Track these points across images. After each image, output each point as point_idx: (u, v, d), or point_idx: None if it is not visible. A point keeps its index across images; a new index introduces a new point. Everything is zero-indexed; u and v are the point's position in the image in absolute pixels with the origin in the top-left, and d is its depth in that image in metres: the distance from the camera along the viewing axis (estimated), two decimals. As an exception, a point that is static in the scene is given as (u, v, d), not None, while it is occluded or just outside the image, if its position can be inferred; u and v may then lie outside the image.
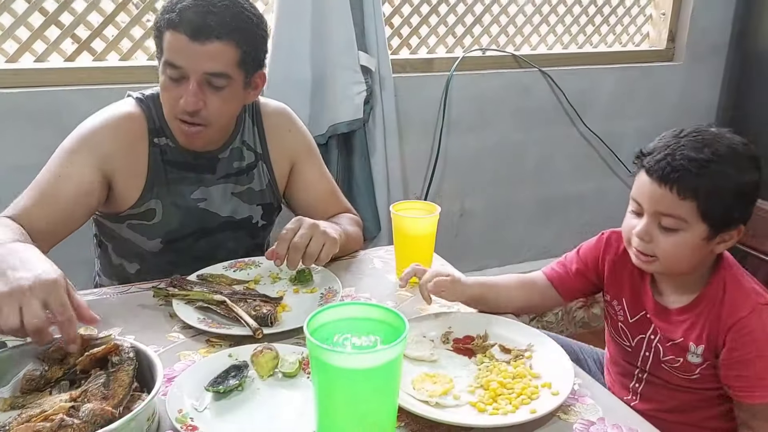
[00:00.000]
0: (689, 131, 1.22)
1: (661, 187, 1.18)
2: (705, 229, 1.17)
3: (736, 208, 1.18)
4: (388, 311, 0.90)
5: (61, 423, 0.88)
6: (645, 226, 1.21)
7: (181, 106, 1.39)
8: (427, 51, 2.59)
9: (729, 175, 1.16)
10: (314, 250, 1.36)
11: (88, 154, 1.43)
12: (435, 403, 1.04)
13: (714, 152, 1.16)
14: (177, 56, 1.36)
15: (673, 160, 1.17)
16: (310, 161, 1.68)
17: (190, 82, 1.37)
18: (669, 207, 1.18)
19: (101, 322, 1.16)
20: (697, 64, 3.02)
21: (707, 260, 1.25)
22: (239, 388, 1.07)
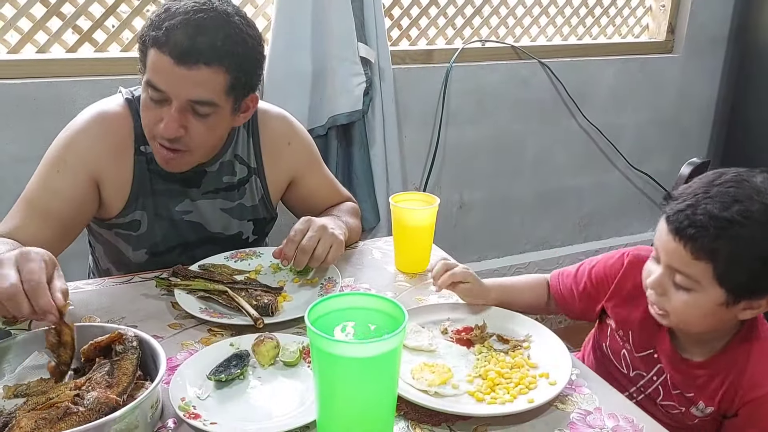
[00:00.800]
0: (727, 179, 1.06)
1: (676, 242, 1.05)
2: (722, 294, 1.04)
3: (762, 278, 1.03)
4: (387, 301, 0.91)
5: (66, 410, 0.89)
6: (659, 278, 1.10)
7: (159, 131, 1.29)
8: (426, 42, 2.60)
9: (755, 239, 1.01)
10: (321, 253, 1.35)
11: (76, 161, 1.37)
12: (434, 393, 1.05)
13: (743, 212, 1.01)
14: (159, 78, 1.26)
15: (693, 214, 1.03)
16: (312, 170, 1.63)
17: (172, 107, 1.27)
18: (681, 264, 1.06)
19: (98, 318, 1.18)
20: (696, 57, 3.02)
21: (730, 324, 1.12)
22: (241, 376, 1.09)
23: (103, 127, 1.40)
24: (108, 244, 1.53)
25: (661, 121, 3.06)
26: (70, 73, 2.04)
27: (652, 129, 3.05)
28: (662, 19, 2.98)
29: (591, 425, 1.02)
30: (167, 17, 1.24)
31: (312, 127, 2.26)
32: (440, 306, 1.31)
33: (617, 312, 1.26)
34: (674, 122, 3.09)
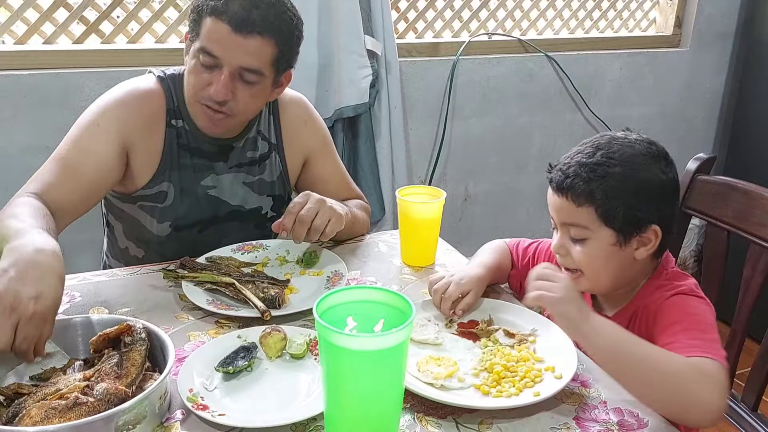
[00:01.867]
0: (591, 139, 1.21)
1: (560, 197, 1.18)
2: (611, 234, 1.15)
3: (640, 209, 1.14)
4: (395, 295, 0.91)
5: (75, 401, 0.90)
6: (559, 240, 1.21)
7: (209, 94, 1.37)
8: (433, 35, 2.59)
9: (624, 174, 1.13)
10: (320, 224, 1.37)
11: (111, 127, 1.42)
12: (440, 386, 1.06)
13: (605, 154, 1.15)
14: (215, 45, 1.34)
15: (567, 168, 1.17)
16: (325, 155, 1.68)
17: (223, 72, 1.36)
18: (570, 216, 1.17)
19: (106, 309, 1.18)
20: (703, 51, 3.01)
21: (637, 270, 1.21)
22: (248, 368, 1.09)
23: (137, 99, 1.46)
24: (130, 220, 1.55)
25: (668, 115, 3.06)
26: (76, 64, 2.04)
27: (659, 123, 3.04)
28: (669, 13, 2.97)
29: (596, 419, 1.02)
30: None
31: (319, 120, 2.26)
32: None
33: None
34: (680, 116, 3.08)
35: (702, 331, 1.08)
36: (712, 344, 1.06)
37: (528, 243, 1.45)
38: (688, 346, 1.05)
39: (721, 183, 1.49)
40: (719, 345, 1.07)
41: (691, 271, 3.33)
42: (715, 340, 1.08)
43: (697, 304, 1.14)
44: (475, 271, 1.32)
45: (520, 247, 1.45)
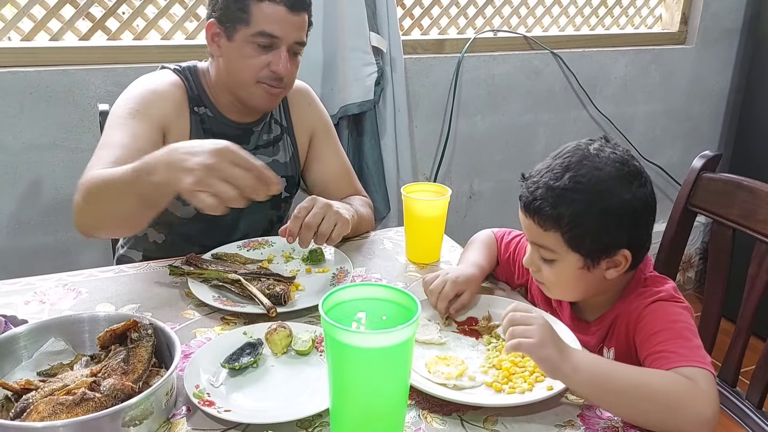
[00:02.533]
0: (566, 150, 1.17)
1: (528, 218, 1.16)
2: (578, 258, 1.13)
3: (608, 234, 1.12)
4: (400, 292, 0.92)
5: (83, 397, 0.91)
6: (529, 256, 1.21)
7: (273, 71, 1.47)
8: (438, 32, 2.59)
9: (590, 201, 1.10)
10: (326, 230, 1.37)
11: (150, 112, 1.47)
12: (453, 386, 1.06)
13: (573, 177, 1.11)
14: (275, 26, 1.44)
15: (535, 189, 1.14)
16: (327, 138, 1.74)
17: (281, 50, 1.46)
18: (538, 237, 1.16)
19: (114, 305, 1.19)
20: (709, 48, 3.00)
21: (610, 284, 1.19)
22: (254, 365, 1.10)
23: (165, 87, 1.53)
24: None
25: (673, 112, 3.05)
26: (82, 60, 2.05)
27: (664, 120, 3.04)
28: (675, 10, 2.97)
29: (600, 416, 1.02)
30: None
31: (324, 116, 2.26)
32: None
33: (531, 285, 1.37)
34: (686, 114, 3.08)
35: (686, 339, 1.07)
36: (697, 351, 1.05)
37: (512, 236, 1.45)
38: (674, 355, 1.04)
39: (727, 181, 1.49)
40: (703, 351, 1.06)
41: (696, 269, 3.32)
42: (699, 347, 1.06)
43: (679, 311, 1.12)
44: (470, 271, 1.31)
45: (505, 241, 1.45)
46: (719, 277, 1.52)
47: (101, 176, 1.26)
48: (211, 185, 1.08)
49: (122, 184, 1.20)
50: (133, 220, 1.30)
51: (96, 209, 1.28)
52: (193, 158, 1.10)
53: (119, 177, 1.21)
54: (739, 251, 1.48)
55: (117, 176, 1.22)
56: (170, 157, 1.14)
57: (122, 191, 1.21)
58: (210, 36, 1.51)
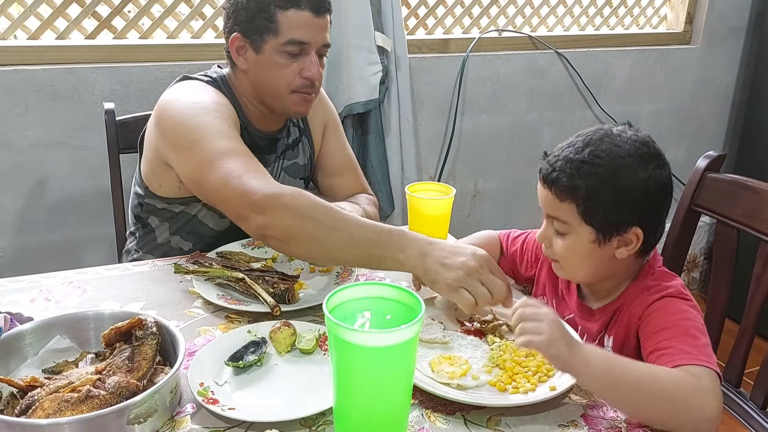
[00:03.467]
0: (586, 131, 1.20)
1: (545, 189, 1.19)
2: (591, 232, 1.15)
3: (620, 212, 1.14)
4: (404, 292, 0.92)
5: (88, 394, 0.91)
6: (543, 230, 1.23)
7: (307, 78, 1.46)
8: (443, 32, 2.59)
9: (606, 176, 1.13)
10: None
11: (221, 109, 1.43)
12: (456, 385, 1.06)
13: (593, 152, 1.14)
14: (304, 33, 1.42)
15: (555, 161, 1.17)
16: (335, 131, 1.75)
17: (311, 55, 1.45)
18: (553, 209, 1.18)
19: (119, 303, 1.19)
20: (714, 47, 3.00)
21: (619, 267, 1.21)
22: (258, 363, 1.10)
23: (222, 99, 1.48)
24: (184, 218, 1.55)
25: (678, 112, 3.04)
26: (89, 59, 2.05)
27: (669, 120, 3.03)
28: (680, 10, 2.96)
29: (603, 417, 1.03)
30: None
31: (329, 115, 2.27)
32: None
33: (539, 278, 1.40)
34: (691, 113, 3.07)
35: (693, 337, 1.07)
36: (703, 350, 1.05)
37: (518, 233, 1.47)
38: (680, 353, 1.04)
39: (731, 181, 1.49)
40: (710, 350, 1.06)
41: (701, 269, 3.32)
42: (706, 345, 1.07)
43: (687, 308, 1.13)
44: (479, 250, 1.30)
45: (511, 237, 1.47)
46: (724, 277, 1.52)
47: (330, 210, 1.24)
48: (472, 286, 1.15)
49: (357, 237, 1.21)
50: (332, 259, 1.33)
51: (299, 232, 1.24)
52: (457, 258, 1.17)
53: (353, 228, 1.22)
54: (743, 251, 1.48)
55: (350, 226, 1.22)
56: (425, 249, 1.19)
57: (351, 241, 1.22)
58: (235, 50, 1.48)
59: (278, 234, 1.25)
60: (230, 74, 1.56)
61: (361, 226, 1.22)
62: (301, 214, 1.23)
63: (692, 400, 0.98)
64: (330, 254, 1.26)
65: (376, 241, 1.20)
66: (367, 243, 1.21)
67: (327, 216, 1.23)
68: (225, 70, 1.57)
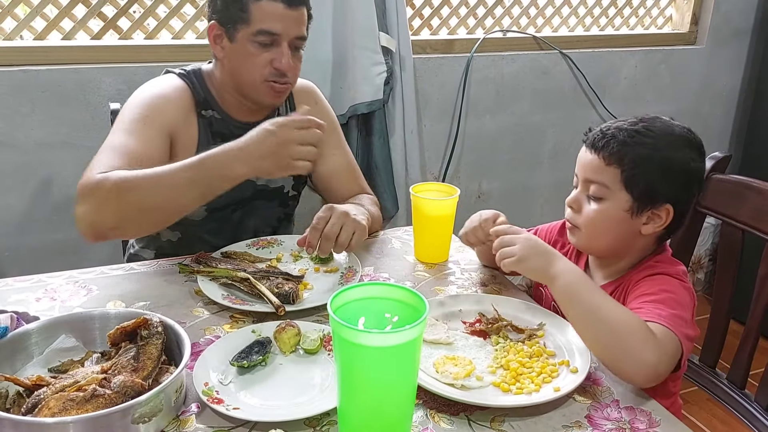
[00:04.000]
0: (634, 116, 1.28)
1: (591, 154, 1.24)
2: (628, 199, 1.21)
3: (661, 184, 1.20)
4: (409, 292, 0.92)
5: (93, 393, 0.91)
6: (576, 195, 1.27)
7: (277, 68, 1.48)
8: (447, 32, 2.59)
9: (656, 147, 1.20)
10: (345, 239, 1.38)
11: (159, 118, 1.48)
12: (461, 386, 1.06)
13: (646, 125, 1.22)
14: (275, 24, 1.45)
15: (607, 129, 1.24)
16: (332, 136, 1.73)
17: (282, 46, 1.48)
18: (595, 173, 1.23)
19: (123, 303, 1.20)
20: (720, 48, 2.99)
21: (636, 246, 1.27)
22: (262, 363, 1.10)
23: (173, 92, 1.54)
24: None
25: (683, 113, 3.03)
26: (94, 60, 2.06)
27: (675, 120, 3.02)
28: (686, 10, 2.95)
29: (608, 418, 1.03)
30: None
31: (333, 115, 2.27)
32: (453, 297, 1.32)
33: None
34: (696, 114, 3.07)
35: (669, 307, 1.12)
36: (675, 319, 1.10)
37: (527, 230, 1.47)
38: (649, 313, 1.10)
39: (736, 182, 1.49)
40: (684, 324, 1.11)
41: (705, 270, 3.31)
42: (680, 317, 1.11)
43: (676, 284, 1.19)
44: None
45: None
46: (728, 278, 1.51)
47: (143, 174, 1.30)
48: (295, 153, 1.28)
49: (180, 180, 1.29)
50: (173, 215, 1.36)
51: (131, 206, 1.30)
52: (263, 145, 1.28)
53: (176, 173, 1.29)
54: (748, 252, 1.48)
55: (171, 173, 1.30)
56: (240, 154, 1.29)
57: (178, 188, 1.30)
58: (212, 38, 1.53)
59: (110, 222, 1.32)
60: (211, 67, 1.60)
61: (176, 172, 1.30)
62: (119, 192, 1.29)
63: (636, 345, 1.03)
64: (166, 214, 1.35)
65: (196, 178, 1.30)
66: (191, 183, 1.30)
67: (145, 182, 1.29)
68: (208, 64, 1.62)
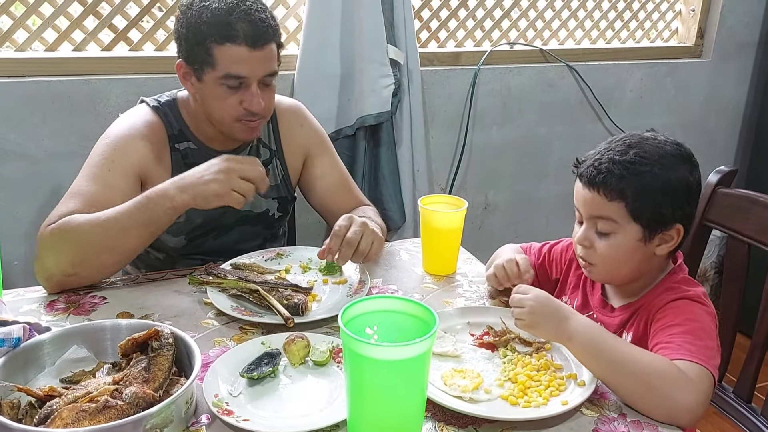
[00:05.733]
0: (620, 137, 1.27)
1: (591, 191, 1.22)
2: (638, 230, 1.21)
3: (667, 207, 1.20)
4: (418, 305, 0.93)
5: (105, 404, 0.92)
6: (584, 232, 1.26)
7: (247, 109, 1.46)
8: (455, 44, 2.61)
9: (654, 173, 1.19)
10: (365, 248, 1.39)
11: (125, 162, 1.47)
12: (469, 399, 1.06)
13: (639, 153, 1.20)
14: (241, 67, 1.42)
15: (599, 164, 1.21)
16: (322, 153, 1.73)
17: (251, 87, 1.44)
18: (600, 210, 1.22)
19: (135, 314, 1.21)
20: (725, 62, 3.00)
21: (652, 267, 1.27)
22: (272, 375, 1.11)
23: (140, 132, 1.51)
24: None
25: (689, 126, 3.04)
26: (105, 71, 2.07)
27: (679, 134, 2.99)
28: (692, 24, 2.96)
29: (615, 430, 1.03)
30: (221, 13, 1.39)
31: (340, 127, 2.28)
32: (461, 310, 1.32)
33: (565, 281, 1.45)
34: (702, 127, 3.07)
35: (697, 337, 1.12)
36: (705, 351, 1.09)
37: (540, 245, 1.52)
38: (678, 348, 1.09)
39: (742, 196, 1.49)
40: (713, 353, 1.11)
41: (711, 283, 3.31)
42: (709, 348, 1.11)
43: (700, 311, 1.18)
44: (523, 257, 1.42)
45: (533, 249, 1.52)
46: (734, 292, 1.52)
47: (94, 218, 1.34)
48: (235, 185, 1.31)
49: (129, 221, 1.34)
50: (126, 255, 1.39)
51: (84, 251, 1.34)
52: (207, 174, 1.32)
53: (123, 215, 1.33)
54: (755, 266, 1.48)
55: (118, 215, 1.33)
56: (182, 182, 1.34)
57: (128, 229, 1.34)
58: (181, 75, 1.50)
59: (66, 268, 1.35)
60: (186, 94, 1.58)
61: (124, 213, 1.34)
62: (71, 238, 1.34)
63: (669, 390, 1.03)
64: (119, 254, 1.38)
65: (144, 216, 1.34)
66: (140, 223, 1.34)
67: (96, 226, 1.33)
68: (183, 91, 1.60)
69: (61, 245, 1.34)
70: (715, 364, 1.09)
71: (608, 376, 1.09)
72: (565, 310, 1.15)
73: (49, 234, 1.36)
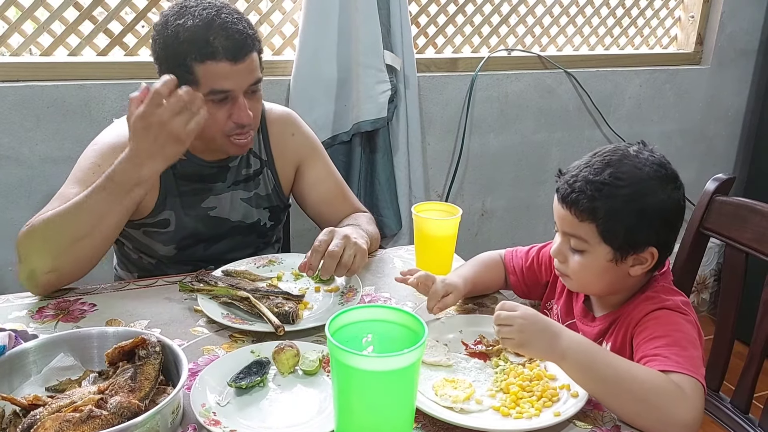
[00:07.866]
0: (603, 150, 1.22)
1: (564, 208, 1.20)
2: (609, 251, 1.18)
3: (640, 231, 1.16)
4: (408, 315, 0.92)
5: (90, 414, 0.91)
6: (559, 246, 1.25)
7: (236, 123, 1.43)
8: (452, 50, 2.60)
9: (628, 196, 1.15)
10: (348, 261, 1.36)
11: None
12: (460, 409, 1.05)
13: (613, 173, 1.16)
14: (224, 82, 1.39)
15: (574, 182, 1.19)
16: (315, 160, 1.70)
17: (238, 100, 1.42)
18: (571, 228, 1.20)
19: (122, 322, 1.19)
20: (725, 68, 2.99)
21: (629, 283, 1.24)
22: (261, 384, 1.10)
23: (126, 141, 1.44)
24: (137, 241, 1.59)
25: (688, 133, 3.03)
26: (100, 76, 2.07)
27: (678, 141, 3.02)
28: (691, 30, 2.96)
29: (609, 443, 1.02)
30: (199, 30, 1.36)
31: (336, 133, 2.27)
32: (452, 319, 1.32)
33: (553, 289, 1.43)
34: (701, 134, 3.06)
35: (683, 348, 1.10)
36: (692, 361, 1.08)
37: (527, 248, 1.49)
38: (667, 360, 1.07)
39: (740, 205, 1.48)
40: (699, 362, 1.10)
41: (710, 291, 3.30)
42: (696, 357, 1.10)
43: (681, 321, 1.16)
44: (455, 280, 1.35)
45: (519, 254, 1.48)
46: (732, 301, 1.51)
47: (63, 208, 1.34)
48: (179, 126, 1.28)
49: (98, 201, 1.32)
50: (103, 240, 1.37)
51: (59, 242, 1.33)
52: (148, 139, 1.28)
53: (90, 196, 1.32)
54: (752, 275, 1.47)
55: (86, 197, 1.32)
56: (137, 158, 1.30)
57: (99, 209, 1.32)
58: None
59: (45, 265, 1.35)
60: None
61: (91, 195, 1.32)
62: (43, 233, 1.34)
63: (666, 405, 1.01)
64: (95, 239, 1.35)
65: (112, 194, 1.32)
66: (110, 200, 1.32)
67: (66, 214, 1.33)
68: None
69: (35, 243, 1.34)
70: (703, 374, 1.08)
71: (605, 395, 1.06)
72: (555, 327, 1.11)
73: (24, 235, 1.36)
